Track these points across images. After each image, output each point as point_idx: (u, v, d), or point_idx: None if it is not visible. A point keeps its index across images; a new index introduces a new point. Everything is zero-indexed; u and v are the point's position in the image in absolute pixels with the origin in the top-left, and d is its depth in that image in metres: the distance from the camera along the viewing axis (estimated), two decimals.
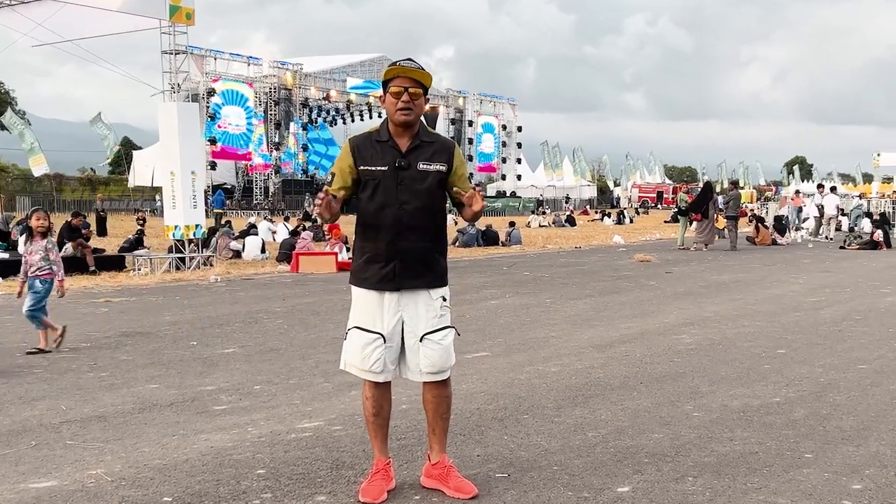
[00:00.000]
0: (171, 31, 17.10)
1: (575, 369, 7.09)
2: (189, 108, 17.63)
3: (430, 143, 4.15)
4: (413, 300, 4.12)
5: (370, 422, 4.26)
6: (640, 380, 6.69)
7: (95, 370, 7.10)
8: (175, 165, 16.58)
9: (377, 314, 4.11)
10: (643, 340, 8.50)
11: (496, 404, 5.89)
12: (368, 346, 4.10)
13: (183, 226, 16.60)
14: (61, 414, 5.66)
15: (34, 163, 38.46)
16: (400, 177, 4.06)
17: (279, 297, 12.32)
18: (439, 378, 4.19)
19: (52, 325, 8.13)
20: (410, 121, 4.05)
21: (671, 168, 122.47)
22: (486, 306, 11.16)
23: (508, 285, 13.78)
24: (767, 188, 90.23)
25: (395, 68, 4.05)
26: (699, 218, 22.91)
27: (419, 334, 4.11)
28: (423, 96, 4.08)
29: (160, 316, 10.35)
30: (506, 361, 7.43)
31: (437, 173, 4.12)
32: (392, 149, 4.09)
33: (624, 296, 12.30)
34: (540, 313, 10.50)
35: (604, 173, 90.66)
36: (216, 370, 7.09)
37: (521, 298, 12.02)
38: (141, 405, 5.91)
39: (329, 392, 6.26)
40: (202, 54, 45.27)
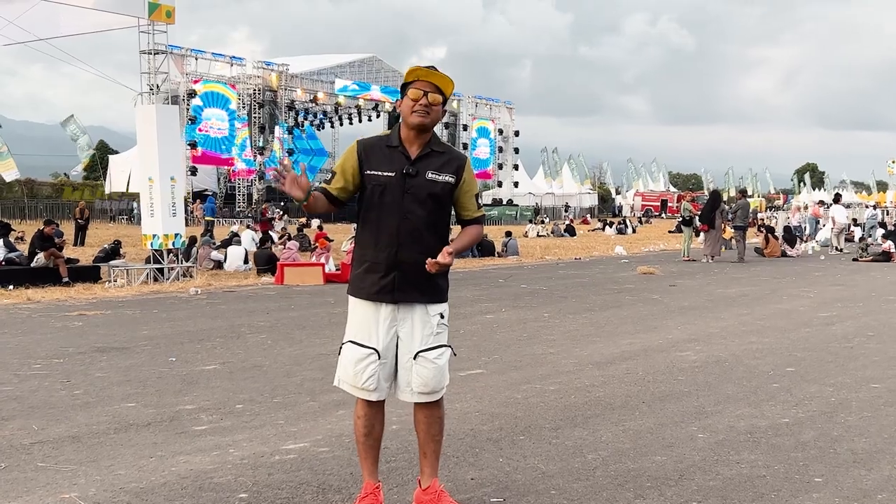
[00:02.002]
0: (150, 29, 17.12)
1: (574, 388, 7.11)
2: (168, 110, 17.65)
3: (441, 154, 4.18)
4: (410, 315, 4.14)
5: (360, 442, 4.27)
6: (643, 399, 6.72)
7: (69, 387, 7.09)
8: (153, 171, 16.57)
9: (372, 328, 4.13)
10: (646, 357, 8.53)
11: (491, 425, 5.91)
12: (362, 362, 4.12)
13: (161, 235, 16.59)
14: (33, 434, 5.66)
15: (3, 168, 38.42)
16: (407, 185, 4.08)
17: (263, 310, 12.32)
18: (431, 399, 4.20)
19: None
20: (425, 124, 4.07)
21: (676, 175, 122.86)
22: (482, 321, 11.18)
23: (505, 299, 13.81)
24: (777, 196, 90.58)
25: (416, 70, 4.09)
26: (706, 228, 23.00)
27: (413, 351, 4.13)
28: (442, 105, 4.12)
29: (137, 330, 10.34)
30: (502, 379, 7.45)
31: (446, 185, 4.14)
32: (401, 155, 4.11)
33: (626, 310, 12.34)
34: (538, 328, 10.53)
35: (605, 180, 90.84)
36: (196, 388, 7.09)
37: (517, 313, 12.05)
38: (117, 425, 5.91)
39: (315, 411, 6.28)
40: (182, 54, 45.24)
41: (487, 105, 66.35)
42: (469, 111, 64.32)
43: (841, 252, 26.59)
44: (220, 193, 52.73)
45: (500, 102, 67.74)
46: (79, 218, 29.72)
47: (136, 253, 20.74)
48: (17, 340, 9.55)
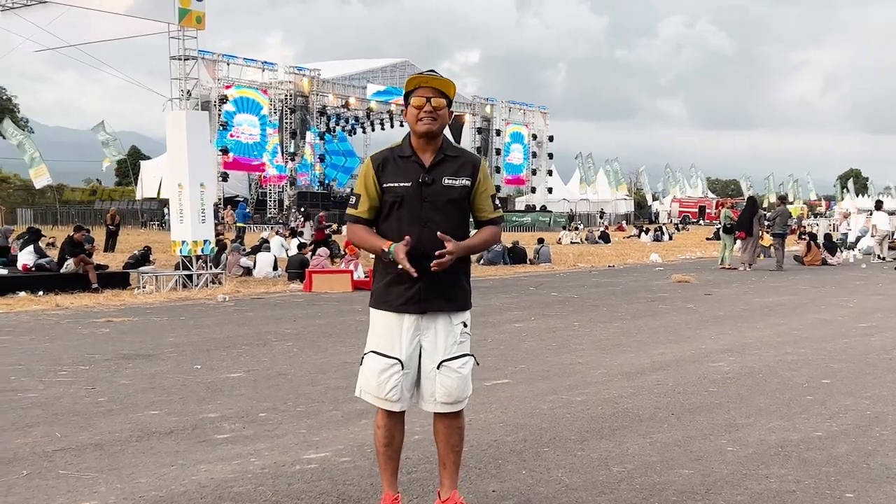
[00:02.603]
0: (181, 35, 17.32)
1: (602, 399, 7.08)
2: (198, 116, 17.83)
3: (455, 158, 4.19)
4: (433, 324, 4.15)
5: (380, 453, 4.29)
6: (672, 411, 6.67)
7: (93, 395, 7.18)
8: (183, 177, 16.77)
9: (396, 338, 4.14)
10: (677, 368, 8.47)
11: (515, 436, 5.90)
12: (385, 373, 4.13)
13: (191, 241, 16.76)
14: (56, 441, 5.74)
15: (36, 174, 38.96)
16: (424, 193, 4.09)
17: (290, 317, 12.41)
18: (454, 409, 4.21)
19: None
20: (433, 131, 4.09)
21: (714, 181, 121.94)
22: (510, 329, 11.17)
23: (534, 307, 13.78)
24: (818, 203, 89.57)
25: (416, 78, 4.11)
26: (743, 236, 22.80)
27: (437, 361, 4.14)
28: (447, 107, 4.13)
29: (163, 337, 10.45)
30: (528, 389, 7.44)
31: (463, 188, 4.15)
32: (415, 164, 4.12)
33: (658, 319, 12.26)
34: (567, 337, 10.49)
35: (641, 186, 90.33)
36: (220, 396, 7.15)
37: (547, 321, 12.02)
38: (139, 433, 5.97)
39: (338, 420, 6.30)
40: (214, 59, 45.70)
41: (521, 110, 66.31)
42: (502, 116, 64.34)
43: (883, 260, 26.22)
44: (252, 199, 53.11)
45: (533, 107, 67.69)
46: (110, 224, 30.09)
47: (167, 259, 20.94)
48: (44, 347, 9.69)
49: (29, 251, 16.87)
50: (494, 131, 63.35)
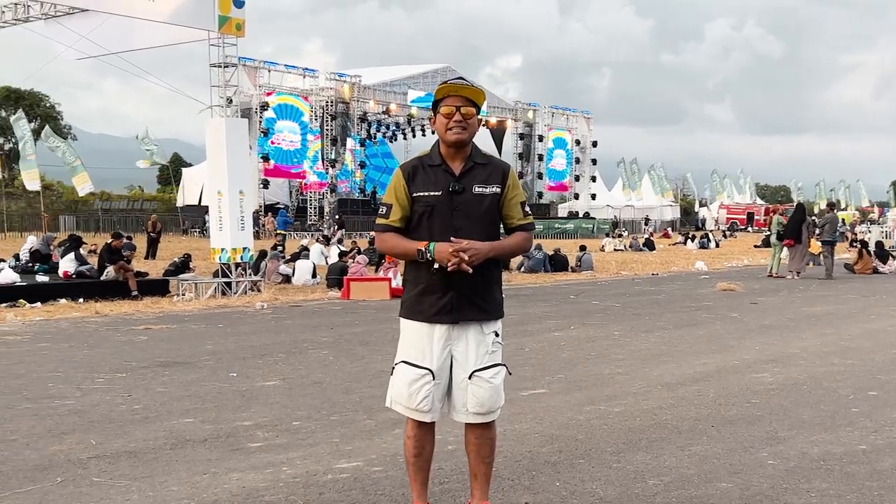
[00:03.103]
0: (221, 42, 17.51)
1: (640, 410, 7.04)
2: (238, 123, 18.03)
3: (484, 165, 4.20)
4: (464, 334, 4.16)
5: (410, 463, 4.31)
6: (712, 422, 6.61)
7: (129, 402, 7.28)
8: (222, 184, 16.96)
9: (427, 348, 4.16)
10: (719, 379, 8.39)
11: (550, 447, 5.88)
12: (416, 383, 4.15)
13: (230, 248, 16.94)
14: (90, 448, 5.83)
15: (78, 182, 39.61)
16: (455, 202, 4.10)
17: (327, 325, 12.49)
18: (486, 419, 4.22)
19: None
20: (463, 140, 4.10)
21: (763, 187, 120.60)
22: (548, 338, 11.14)
23: (574, 316, 13.73)
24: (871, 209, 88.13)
25: (445, 87, 4.13)
26: (791, 243, 22.51)
27: (469, 371, 4.15)
28: (476, 115, 4.14)
29: (201, 345, 10.58)
30: (564, 400, 7.41)
31: (494, 196, 4.16)
32: (445, 172, 4.14)
33: (701, 329, 12.15)
34: (607, 347, 10.44)
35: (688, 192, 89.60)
36: (255, 404, 7.22)
37: (587, 330, 11.97)
38: (174, 440, 6.05)
39: (371, 430, 6.33)
40: (255, 66, 46.22)
41: (564, 115, 66.20)
42: (545, 121, 64.29)
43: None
44: (292, 206, 53.55)
45: (577, 112, 67.55)
46: (151, 231, 30.47)
47: (207, 266, 21.17)
48: (82, 354, 9.85)
49: (70, 258, 17.15)
50: (537, 137, 63.33)
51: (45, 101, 67.72)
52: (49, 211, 44.47)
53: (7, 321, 12.73)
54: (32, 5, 18.61)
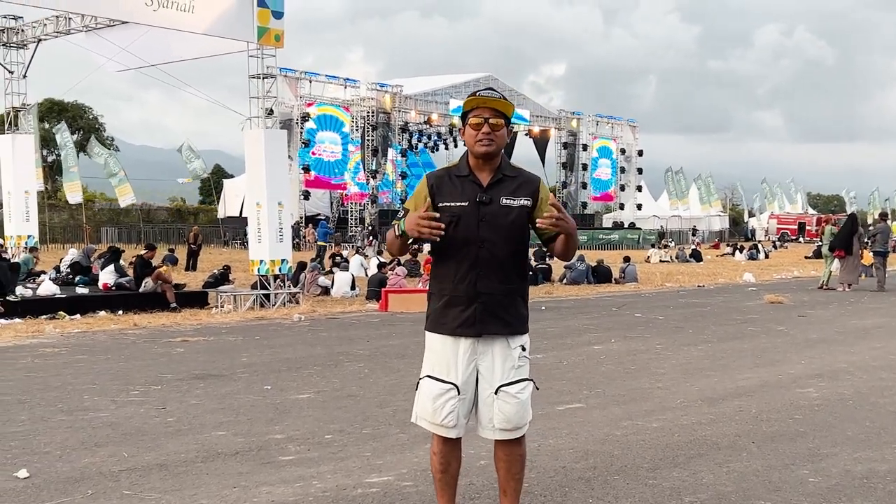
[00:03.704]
0: (259, 53, 17.71)
1: (679, 425, 6.98)
2: (277, 134, 18.21)
3: (514, 178, 4.20)
4: (490, 348, 4.16)
5: (437, 479, 4.33)
6: (753, 439, 6.54)
7: (163, 415, 7.38)
8: (261, 196, 17.14)
9: (451, 362, 4.17)
10: (762, 394, 8.30)
11: (585, 463, 5.86)
12: (441, 398, 4.16)
13: (268, 260, 17.10)
14: (122, 461, 5.91)
15: (120, 193, 40.22)
16: (481, 213, 4.11)
17: (364, 338, 12.55)
18: (514, 435, 4.21)
19: None
20: (492, 152, 4.11)
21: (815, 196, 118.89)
22: (588, 352, 11.09)
23: (616, 328, 13.65)
24: None
25: (474, 98, 4.13)
26: (842, 254, 22.18)
27: (495, 385, 4.15)
28: (506, 126, 4.15)
29: (237, 357, 10.68)
30: (602, 415, 7.38)
31: (522, 208, 4.16)
32: (472, 183, 4.15)
33: (746, 342, 12.02)
34: (647, 360, 10.37)
35: (737, 202, 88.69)
36: (288, 417, 7.27)
37: (628, 343, 11.90)
38: (205, 453, 6.11)
39: (404, 444, 6.35)
40: (296, 77, 46.63)
41: (609, 123, 65.90)
42: (589, 130, 64.03)
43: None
44: (333, 218, 53.86)
45: (622, 120, 67.21)
46: (192, 243, 30.82)
47: (246, 278, 21.34)
48: (119, 366, 10.00)
49: (110, 270, 17.42)
50: (581, 146, 63.08)
51: (88, 112, 68.89)
52: (91, 223, 45.18)
53: (46, 333, 12.97)
54: (73, 18, 18.99)
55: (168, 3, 15.72)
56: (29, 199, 21.93)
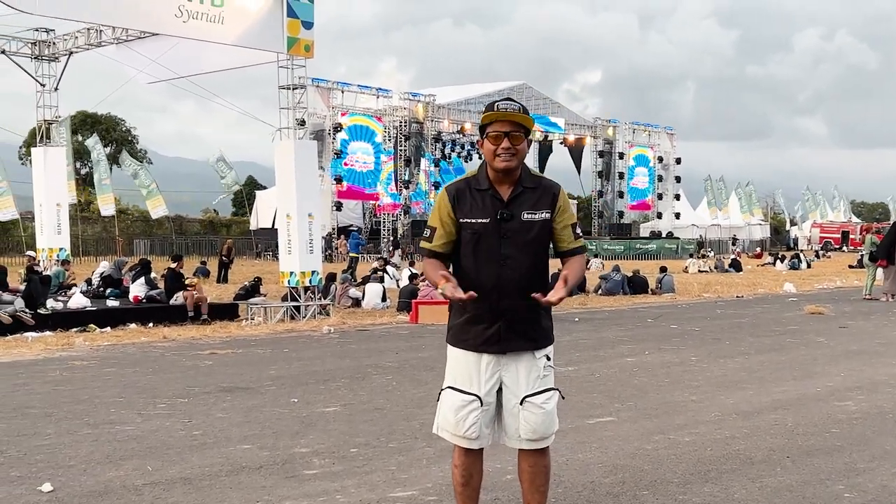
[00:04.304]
0: (289, 64, 17.83)
1: (712, 439, 6.92)
2: (307, 145, 18.32)
3: (534, 189, 4.18)
4: (514, 360, 4.16)
5: (458, 492, 4.33)
6: (788, 453, 6.46)
7: (188, 428, 7.43)
8: (291, 207, 17.23)
9: (474, 373, 4.16)
10: (799, 407, 8.20)
11: (614, 477, 5.82)
12: (464, 409, 4.16)
13: (298, 272, 17.18)
14: (146, 475, 5.95)
15: (152, 205, 40.66)
16: (503, 229, 4.10)
17: (393, 350, 12.57)
18: (540, 446, 4.20)
19: None
20: (511, 167, 4.10)
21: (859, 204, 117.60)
22: (620, 364, 11.03)
23: (650, 340, 13.56)
24: None
25: (492, 113, 4.10)
26: (885, 264, 21.89)
27: (520, 396, 4.14)
28: (525, 140, 4.14)
29: (265, 370, 10.74)
30: (633, 428, 7.32)
31: (544, 223, 4.15)
32: (493, 198, 4.13)
33: (785, 354, 11.90)
34: (682, 373, 10.29)
35: (778, 210, 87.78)
36: (313, 430, 7.29)
37: (662, 356, 11.81)
38: (230, 467, 6.14)
39: (430, 458, 6.34)
40: (328, 87, 46.90)
41: (646, 131, 65.61)
42: (626, 138, 63.79)
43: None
44: (366, 229, 54.04)
45: (659, 128, 66.88)
46: (224, 255, 31.06)
47: (278, 290, 21.45)
48: (146, 379, 10.09)
49: (140, 283, 17.59)
50: (617, 154, 62.84)
51: (121, 124, 69.77)
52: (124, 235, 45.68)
53: (76, 346, 13.11)
54: (105, 30, 19.25)
55: (198, 14, 15.89)
56: (61, 212, 22.23)
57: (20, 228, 39.22)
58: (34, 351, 12.56)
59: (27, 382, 9.87)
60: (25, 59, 21.78)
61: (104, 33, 19.43)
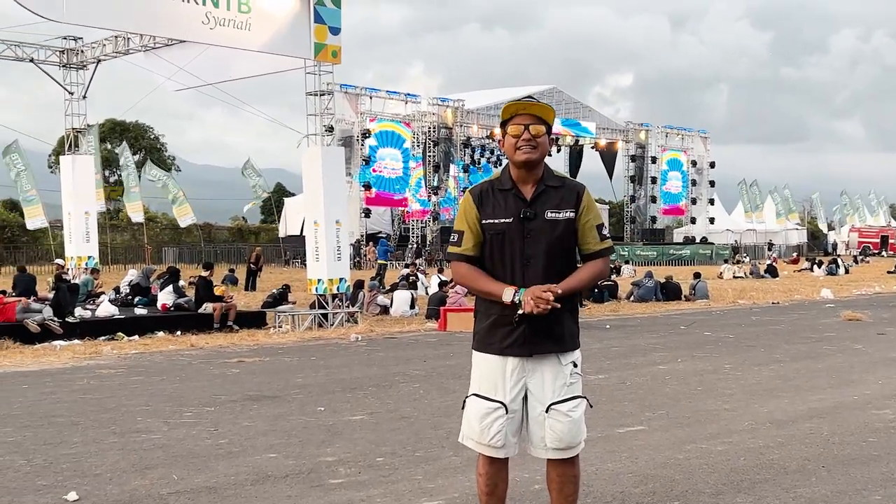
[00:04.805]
0: (317, 70, 17.92)
1: (745, 448, 6.85)
2: (334, 152, 18.40)
3: (557, 189, 4.16)
4: (539, 366, 4.13)
5: (483, 501, 4.31)
6: (823, 463, 6.39)
7: (214, 437, 7.47)
8: (319, 214, 17.31)
9: (499, 380, 4.14)
10: (835, 416, 8.12)
11: (644, 488, 5.78)
12: (488, 417, 4.14)
13: (326, 279, 17.24)
14: (172, 484, 5.99)
15: (180, 213, 40.98)
16: (526, 229, 4.08)
17: (420, 358, 12.59)
18: (567, 455, 4.17)
19: None
20: (533, 159, 4.09)
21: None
22: (652, 372, 10.97)
23: (683, 347, 13.48)
24: None
25: (513, 105, 4.12)
26: None
27: (546, 403, 4.11)
28: (547, 134, 4.13)
29: (292, 378, 10.78)
30: (664, 437, 7.27)
31: (568, 222, 4.12)
32: (516, 197, 4.12)
33: (821, 361, 11.78)
34: (715, 381, 10.21)
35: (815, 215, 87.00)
36: (340, 439, 7.31)
37: (695, 363, 11.73)
38: (255, 476, 6.17)
39: (456, 467, 6.33)
40: (356, 93, 47.04)
41: (679, 135, 65.21)
42: (658, 142, 63.42)
43: None
44: (394, 235, 54.13)
45: (693, 132, 66.44)
46: (253, 263, 31.25)
47: (306, 298, 21.54)
48: (173, 387, 10.16)
49: (168, 291, 17.72)
50: (650, 158, 62.49)
51: (150, 132, 70.42)
52: (152, 243, 46.06)
53: (103, 354, 13.24)
54: (132, 38, 19.44)
55: (225, 21, 16.03)
56: (89, 220, 22.45)
57: (49, 237, 39.65)
58: (62, 359, 12.70)
59: (54, 391, 9.97)
60: (54, 67, 22.04)
61: (132, 41, 19.63)
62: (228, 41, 16.51)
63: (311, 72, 17.94)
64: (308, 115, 18.06)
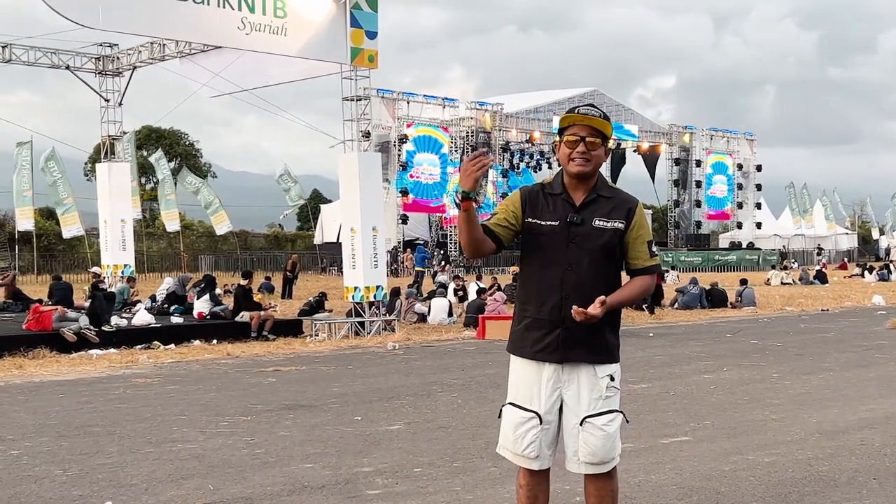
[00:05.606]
0: (353, 75, 18.00)
1: (793, 460, 6.78)
2: (371, 157, 18.47)
3: (609, 199, 4.17)
4: (575, 376, 4.12)
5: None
6: (874, 474, 6.31)
7: (251, 446, 7.53)
8: (355, 221, 17.38)
9: (534, 389, 4.15)
10: (887, 426, 8.01)
11: (688, 500, 5.74)
12: (522, 427, 4.14)
13: (363, 287, 17.31)
14: (207, 494, 6.04)
15: (216, 221, 41.36)
16: (571, 234, 4.09)
17: (458, 366, 12.59)
18: (600, 470, 4.15)
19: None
20: (586, 171, 4.10)
21: None
22: (697, 381, 10.89)
23: (729, 356, 13.37)
24: None
25: (571, 116, 4.12)
26: None
27: (580, 416, 4.10)
28: (603, 146, 4.12)
29: (328, 387, 10.83)
30: (709, 448, 7.22)
31: (615, 232, 4.12)
32: (565, 202, 4.14)
33: (872, 370, 11.63)
34: (762, 390, 10.11)
35: (866, 218, 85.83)
36: (377, 449, 7.33)
37: (741, 372, 11.63)
38: (291, 486, 6.20)
39: (495, 478, 6.33)
40: (394, 98, 47.21)
41: (724, 137, 64.71)
42: (703, 145, 62.97)
43: None
44: (432, 242, 54.18)
45: (738, 134, 65.91)
46: (289, 270, 31.43)
47: (343, 305, 21.63)
48: (209, 397, 10.25)
49: (205, 299, 17.88)
50: (694, 162, 62.05)
51: (185, 139, 71.19)
52: (189, 251, 46.51)
53: (139, 363, 13.38)
54: (168, 44, 19.68)
55: (260, 26, 16.16)
56: (125, 228, 22.73)
57: (85, 245, 40.18)
58: (98, 368, 12.86)
59: (90, 400, 10.10)
60: (89, 74, 22.38)
61: (167, 47, 19.88)
62: (264, 46, 16.64)
63: (347, 76, 18.04)
64: (344, 121, 18.16)
